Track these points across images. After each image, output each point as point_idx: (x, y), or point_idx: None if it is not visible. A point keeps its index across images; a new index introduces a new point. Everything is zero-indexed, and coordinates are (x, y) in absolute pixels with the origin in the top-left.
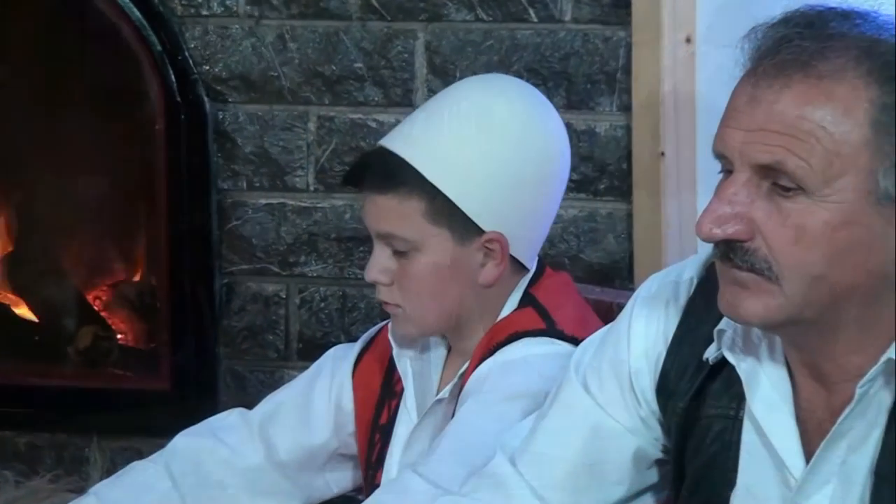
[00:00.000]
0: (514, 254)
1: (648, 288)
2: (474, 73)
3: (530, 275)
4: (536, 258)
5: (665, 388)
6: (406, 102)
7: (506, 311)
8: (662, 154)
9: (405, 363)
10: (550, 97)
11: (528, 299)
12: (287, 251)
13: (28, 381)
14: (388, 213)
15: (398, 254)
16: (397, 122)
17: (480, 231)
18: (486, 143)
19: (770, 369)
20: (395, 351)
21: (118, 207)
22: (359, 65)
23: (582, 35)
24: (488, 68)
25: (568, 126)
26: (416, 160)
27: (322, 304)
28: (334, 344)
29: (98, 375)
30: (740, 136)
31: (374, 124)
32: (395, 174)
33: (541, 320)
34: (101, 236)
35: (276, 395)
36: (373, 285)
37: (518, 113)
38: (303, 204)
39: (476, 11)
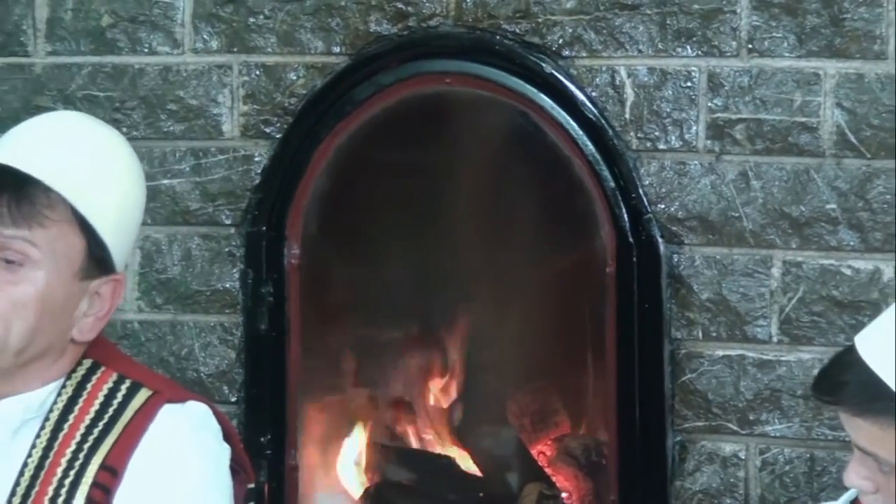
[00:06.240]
0: None
1: None
2: None
3: None
4: None
5: None
6: (887, 248)
7: None
8: None
9: None
10: None
11: None
12: (747, 408)
13: None
14: (868, 435)
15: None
16: (876, 269)
17: None
18: None
19: None
20: None
21: (563, 353)
22: (831, 206)
23: None
24: None
25: None
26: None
27: (787, 467)
28: None
29: None
30: None
31: (848, 272)
32: (873, 398)
33: None
34: (546, 384)
35: None
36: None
37: None
38: (765, 357)
39: None
